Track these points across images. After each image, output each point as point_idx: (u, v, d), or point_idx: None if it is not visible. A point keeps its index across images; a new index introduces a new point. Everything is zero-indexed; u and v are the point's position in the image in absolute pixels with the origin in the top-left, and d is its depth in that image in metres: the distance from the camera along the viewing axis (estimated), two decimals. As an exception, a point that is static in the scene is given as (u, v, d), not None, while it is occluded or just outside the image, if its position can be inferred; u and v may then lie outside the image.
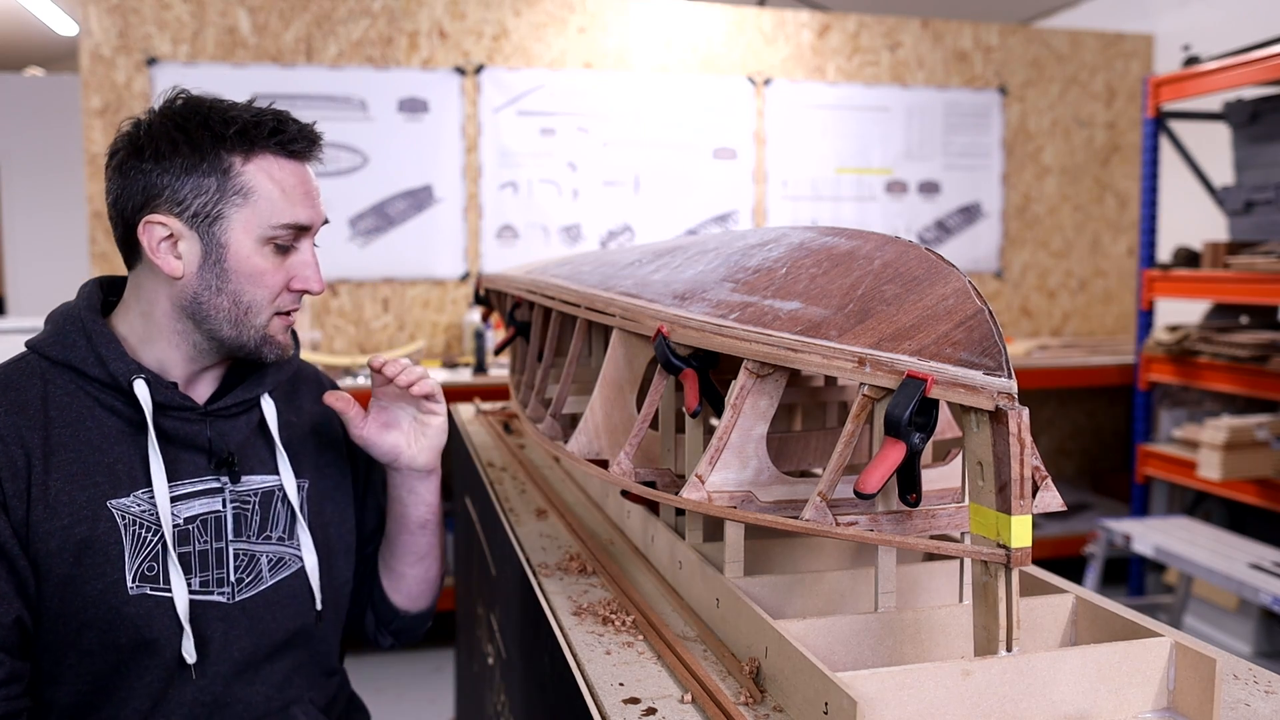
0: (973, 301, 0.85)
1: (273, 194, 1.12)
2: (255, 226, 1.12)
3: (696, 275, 1.20)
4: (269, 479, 1.22)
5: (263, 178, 1.12)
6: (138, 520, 1.10)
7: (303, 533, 1.23)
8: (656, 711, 0.87)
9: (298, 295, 1.17)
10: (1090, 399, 4.90)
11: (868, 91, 4.51)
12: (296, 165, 1.16)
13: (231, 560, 1.16)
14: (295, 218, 1.14)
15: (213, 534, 1.15)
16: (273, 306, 1.16)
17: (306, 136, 1.17)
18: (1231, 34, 4.05)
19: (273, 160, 1.13)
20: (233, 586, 1.16)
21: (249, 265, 1.13)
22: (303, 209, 1.15)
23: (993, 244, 4.70)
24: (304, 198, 1.15)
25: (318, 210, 1.18)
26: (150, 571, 1.10)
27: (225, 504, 1.17)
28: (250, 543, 1.18)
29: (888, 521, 0.91)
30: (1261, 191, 3.40)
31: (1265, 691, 0.90)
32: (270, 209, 1.12)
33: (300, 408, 1.31)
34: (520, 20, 4.12)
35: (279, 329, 1.17)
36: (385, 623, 1.40)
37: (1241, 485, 3.24)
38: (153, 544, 1.10)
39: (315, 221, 1.17)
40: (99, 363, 1.11)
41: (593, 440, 1.28)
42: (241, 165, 1.12)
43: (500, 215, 4.13)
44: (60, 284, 6.24)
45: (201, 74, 3.78)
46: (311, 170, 1.19)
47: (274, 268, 1.14)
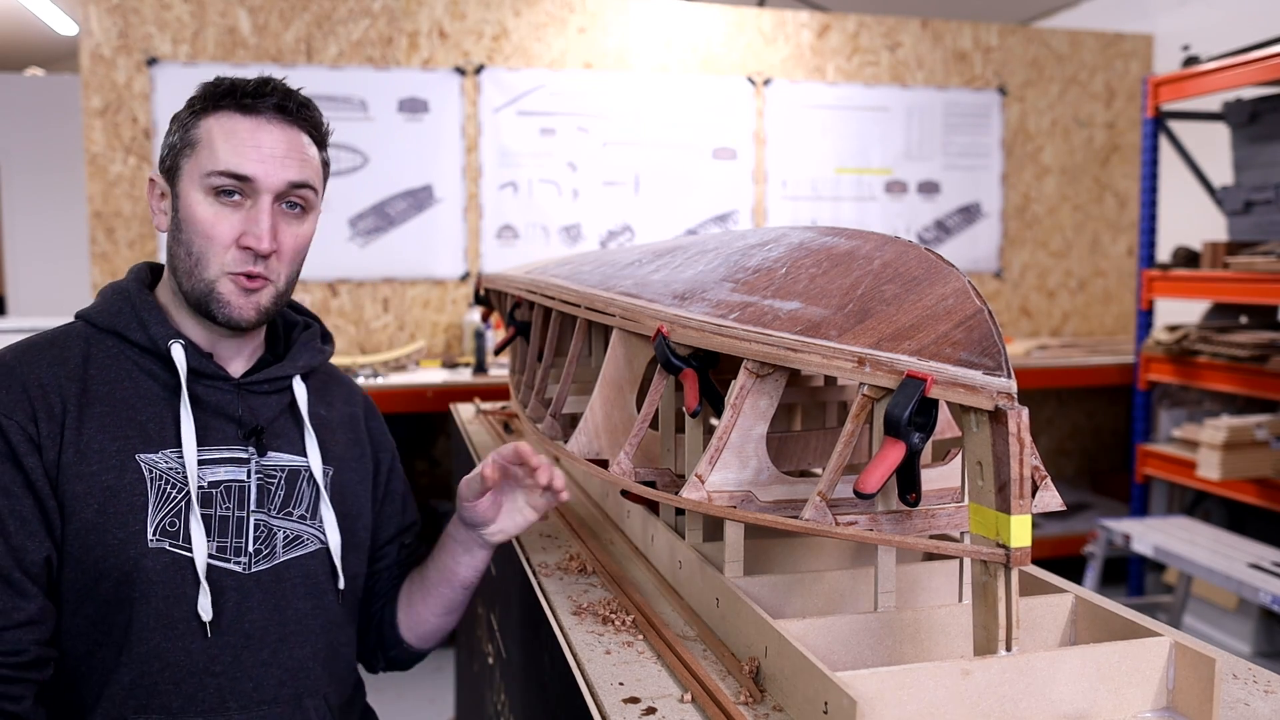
0: (972, 301, 0.85)
1: (214, 143, 1.14)
2: (198, 175, 1.14)
3: (696, 275, 1.20)
4: (296, 459, 1.23)
5: (215, 130, 1.14)
6: (164, 476, 1.12)
7: (326, 511, 1.24)
8: (656, 711, 0.87)
9: (250, 255, 1.15)
10: (1090, 399, 4.91)
11: (867, 91, 4.51)
12: (252, 119, 1.15)
13: (251, 530, 1.17)
14: (232, 165, 1.13)
15: (235, 502, 1.17)
16: (221, 262, 1.14)
17: (269, 93, 1.16)
18: (1231, 34, 4.06)
19: (227, 115, 1.15)
20: (250, 556, 1.17)
21: (193, 214, 1.14)
22: (245, 160, 1.13)
23: (992, 244, 4.70)
24: (252, 149, 1.14)
25: (273, 166, 1.14)
26: (171, 527, 1.12)
27: (250, 475, 1.18)
28: (270, 516, 1.19)
29: (887, 521, 0.92)
30: (1261, 191, 3.40)
31: (1265, 691, 0.90)
32: (209, 157, 1.13)
33: (331, 404, 1.33)
34: (520, 20, 4.12)
35: (230, 289, 1.15)
36: (386, 648, 1.39)
37: (1241, 485, 3.24)
38: (176, 500, 1.12)
39: (261, 175, 1.14)
40: (140, 327, 1.16)
41: (593, 440, 1.28)
42: (199, 121, 1.15)
43: (500, 215, 4.13)
44: (60, 284, 6.27)
45: (202, 74, 3.78)
46: (285, 131, 1.16)
47: (217, 218, 1.14)
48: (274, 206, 1.15)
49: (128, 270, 1.26)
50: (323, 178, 1.25)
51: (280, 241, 1.16)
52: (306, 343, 1.30)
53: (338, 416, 1.33)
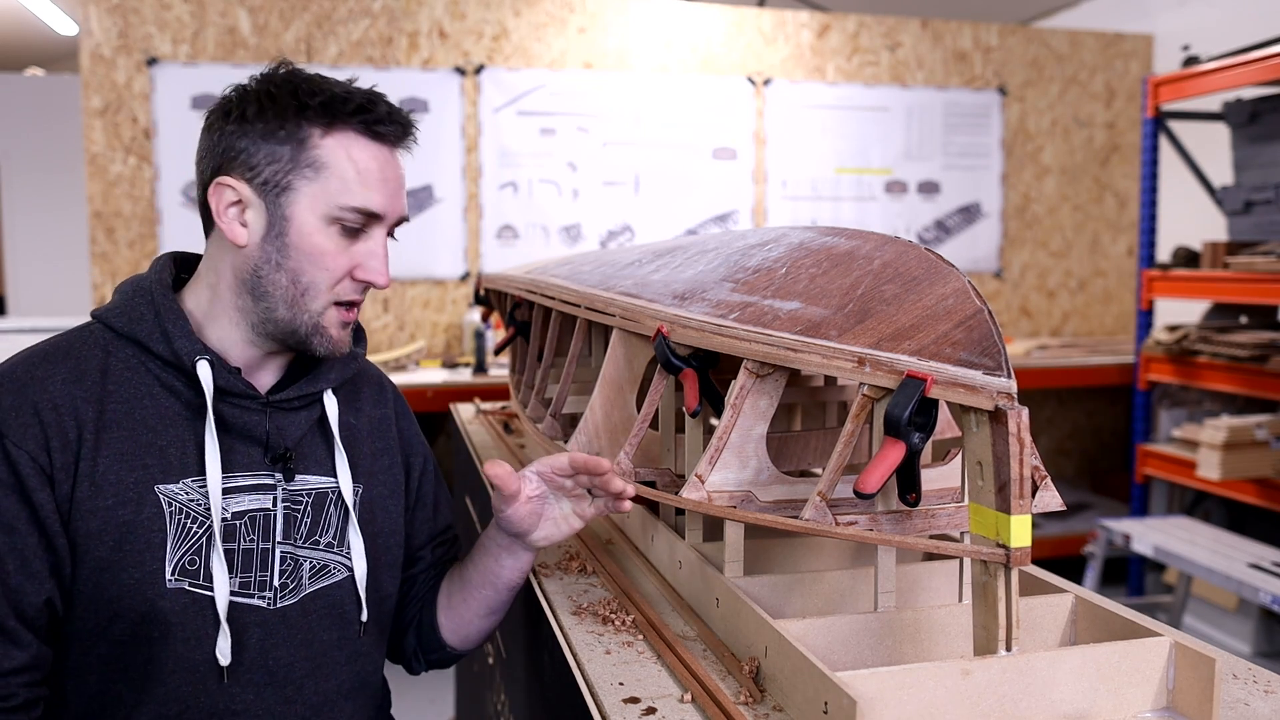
0: (972, 301, 0.85)
1: (346, 173, 1.06)
2: (322, 204, 1.06)
3: (696, 275, 1.20)
4: (324, 480, 1.15)
5: (340, 154, 1.06)
6: (184, 509, 1.05)
7: (355, 538, 1.16)
8: (656, 711, 0.87)
9: (361, 286, 1.10)
10: (1090, 399, 4.91)
11: (867, 91, 4.51)
12: (379, 148, 1.08)
13: (277, 564, 1.10)
14: (366, 202, 1.07)
15: (260, 533, 1.09)
16: (332, 293, 1.09)
17: (397, 120, 1.09)
18: (1231, 34, 4.06)
19: (354, 138, 1.07)
20: (275, 591, 1.10)
21: (310, 243, 1.06)
22: (377, 194, 1.08)
23: (992, 244, 4.70)
24: (380, 184, 1.08)
25: (396, 201, 1.10)
26: (191, 566, 1.04)
27: (276, 503, 1.10)
28: (296, 546, 1.12)
29: (887, 521, 0.92)
30: (1261, 191, 3.40)
31: (1265, 691, 0.90)
32: (341, 188, 1.06)
33: (360, 409, 1.24)
34: (520, 20, 4.12)
35: (334, 320, 1.10)
36: (427, 651, 1.31)
37: (1241, 485, 3.24)
38: (197, 535, 1.05)
39: (390, 211, 1.09)
40: (164, 339, 1.06)
41: (593, 440, 1.28)
42: (320, 138, 1.06)
43: (500, 215, 4.13)
44: (60, 284, 6.27)
45: (202, 74, 3.78)
46: (399, 161, 1.11)
47: (337, 250, 1.07)
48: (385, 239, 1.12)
49: (154, 262, 1.15)
50: None
51: None
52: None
53: (366, 423, 1.24)
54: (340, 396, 1.20)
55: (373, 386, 1.28)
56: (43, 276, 6.40)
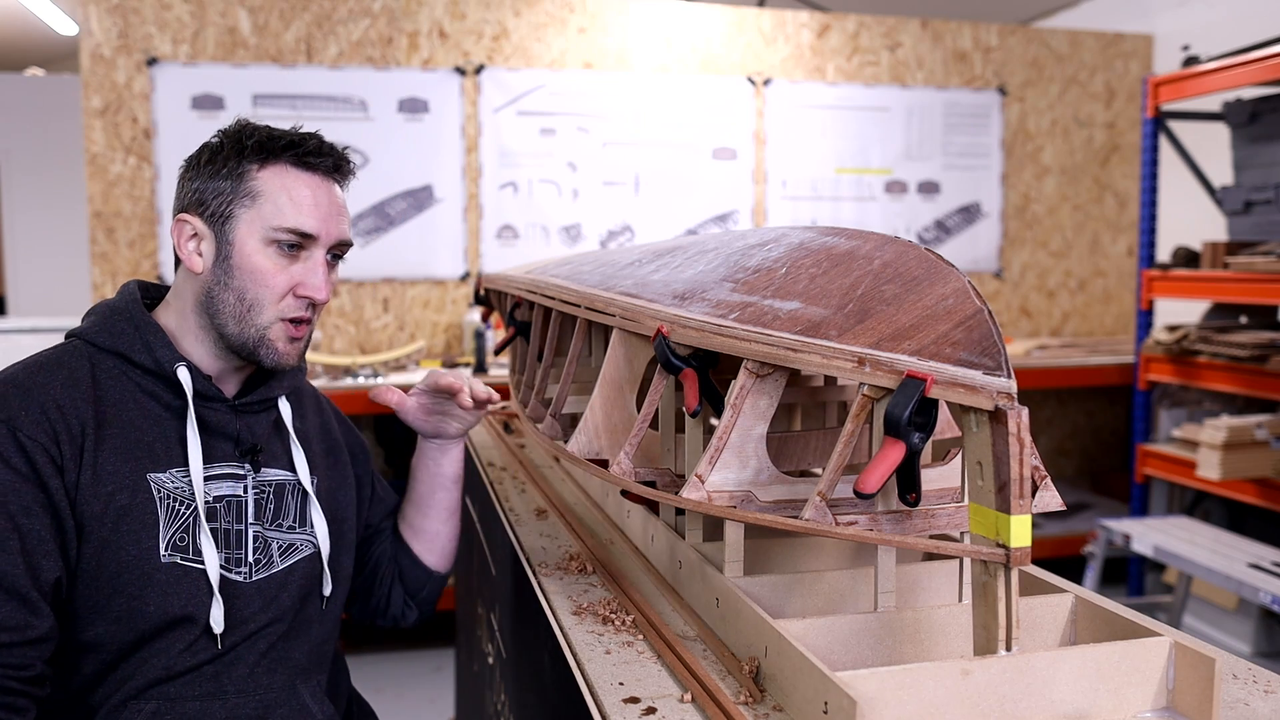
0: (972, 301, 0.85)
1: (279, 198, 1.20)
2: (259, 227, 1.20)
3: (696, 275, 1.20)
4: (284, 473, 1.31)
5: (274, 183, 1.21)
6: (172, 494, 1.18)
7: (316, 515, 1.31)
8: (656, 711, 0.87)
9: (304, 303, 1.23)
10: (1090, 399, 4.91)
11: (867, 91, 4.51)
12: (310, 177, 1.23)
13: (250, 542, 1.24)
14: (298, 223, 1.20)
15: (234, 515, 1.23)
16: (276, 309, 1.22)
17: (327, 153, 1.25)
18: (1231, 34, 4.06)
19: (287, 169, 1.22)
20: (250, 567, 1.23)
21: (250, 263, 1.20)
22: (308, 217, 1.21)
23: (992, 244, 4.70)
24: (312, 207, 1.21)
25: (330, 224, 1.23)
26: (181, 542, 1.17)
27: (247, 489, 1.25)
28: (265, 528, 1.26)
29: (887, 521, 0.92)
30: (1260, 191, 3.40)
31: (1264, 691, 0.90)
32: (274, 211, 1.20)
33: (305, 415, 1.39)
34: (520, 20, 4.12)
35: (280, 335, 1.23)
36: (414, 593, 1.48)
37: (1241, 485, 3.24)
38: (185, 516, 1.18)
39: (322, 232, 1.22)
40: (146, 350, 1.20)
41: (593, 440, 1.28)
42: (256, 171, 1.21)
43: (500, 215, 4.13)
44: (60, 284, 6.27)
45: (202, 74, 3.78)
46: (335, 190, 1.25)
47: (277, 269, 1.21)
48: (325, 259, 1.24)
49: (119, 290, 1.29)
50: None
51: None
52: None
53: (312, 427, 1.40)
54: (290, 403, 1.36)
55: (309, 398, 1.45)
56: (43, 276, 6.40)
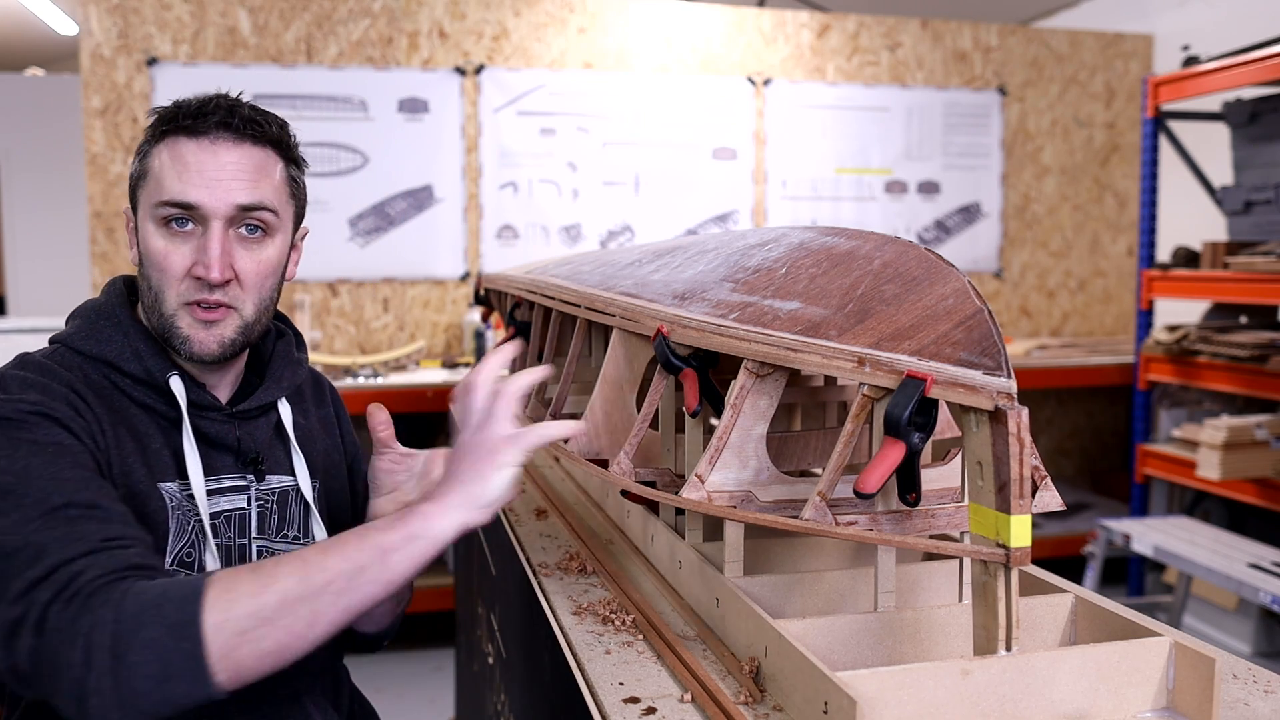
0: (972, 301, 0.85)
1: (163, 172, 1.08)
2: (148, 207, 1.10)
3: (696, 275, 1.20)
4: (286, 479, 1.23)
5: (164, 157, 1.09)
6: (180, 506, 1.11)
7: (318, 529, 1.24)
8: (656, 711, 0.87)
9: (202, 284, 1.09)
10: (1090, 399, 4.91)
11: (867, 91, 4.51)
12: (198, 143, 1.08)
13: (254, 557, 1.18)
14: (177, 194, 1.07)
15: (236, 531, 1.17)
16: (177, 293, 1.10)
17: (209, 112, 1.09)
18: (1231, 34, 4.05)
19: (175, 140, 1.09)
20: None
21: (148, 247, 1.10)
22: (191, 187, 1.07)
23: (992, 244, 4.70)
24: (196, 175, 1.07)
25: (222, 190, 1.08)
26: (188, 558, 1.11)
27: (250, 502, 1.19)
28: (270, 541, 1.20)
29: (887, 521, 0.92)
30: (1260, 191, 3.40)
31: (1264, 691, 0.90)
32: (157, 187, 1.09)
33: (307, 410, 1.32)
34: (520, 20, 4.12)
35: (188, 321, 1.10)
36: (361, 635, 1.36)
37: (1241, 485, 3.24)
38: (190, 532, 1.12)
39: (206, 200, 1.07)
40: (135, 358, 1.11)
41: (593, 440, 1.28)
42: (151, 149, 1.11)
43: (500, 215, 4.13)
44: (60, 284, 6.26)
45: (202, 74, 3.78)
46: (233, 151, 1.10)
47: (169, 249, 1.09)
48: (228, 232, 1.10)
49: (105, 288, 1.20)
50: (290, 194, 1.17)
51: (239, 269, 1.11)
52: (285, 354, 1.28)
53: (315, 422, 1.32)
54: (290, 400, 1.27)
55: (312, 387, 1.36)
56: (43, 276, 6.40)
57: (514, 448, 0.98)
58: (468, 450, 0.99)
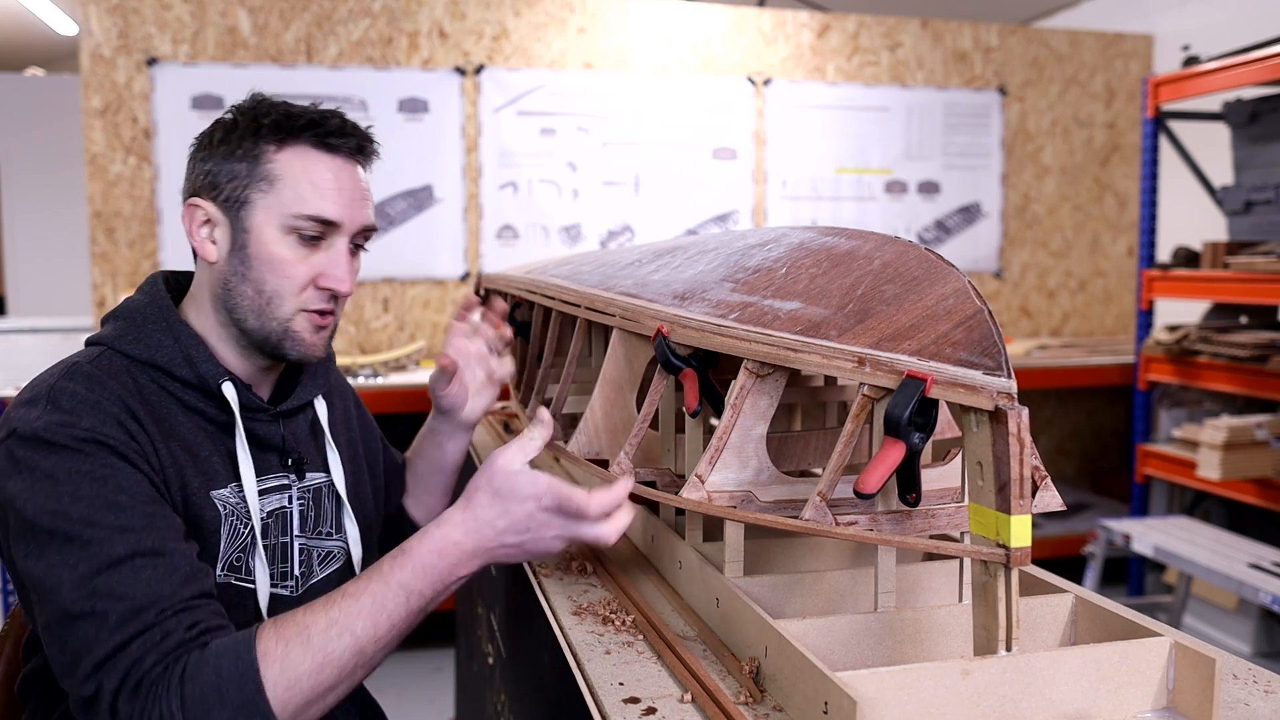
0: (972, 301, 0.85)
1: (299, 183, 1.11)
2: (277, 214, 1.11)
3: (696, 275, 1.20)
4: (320, 475, 1.26)
5: (294, 166, 1.11)
6: (234, 512, 1.12)
7: (351, 525, 1.27)
8: (656, 711, 0.87)
9: (327, 295, 1.15)
10: (1090, 399, 4.91)
11: (867, 91, 4.51)
12: (332, 159, 1.13)
13: (296, 555, 1.20)
14: (319, 210, 1.12)
15: (280, 529, 1.19)
16: (297, 301, 1.14)
17: (350, 133, 1.15)
18: (1231, 34, 4.06)
19: (307, 151, 1.12)
20: (296, 580, 1.20)
21: (268, 252, 1.12)
22: (331, 203, 1.12)
23: (992, 244, 4.70)
24: (335, 193, 1.12)
25: (355, 210, 1.14)
26: (237, 563, 1.12)
27: (292, 500, 1.20)
28: (309, 538, 1.22)
29: (887, 521, 0.92)
30: (1261, 191, 3.40)
31: (1265, 691, 0.90)
32: (294, 198, 1.11)
33: (333, 405, 1.34)
34: (520, 20, 4.12)
35: (305, 326, 1.15)
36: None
37: (1241, 485, 3.24)
38: (243, 536, 1.13)
39: (346, 219, 1.14)
40: (188, 363, 1.11)
41: (593, 440, 1.28)
42: (274, 154, 1.11)
43: (500, 215, 4.13)
44: (60, 284, 6.26)
45: (202, 74, 3.78)
46: (358, 173, 1.16)
47: (297, 259, 1.12)
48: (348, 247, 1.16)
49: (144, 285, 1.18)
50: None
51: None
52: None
53: (339, 417, 1.35)
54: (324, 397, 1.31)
55: (336, 385, 1.39)
56: (43, 276, 6.40)
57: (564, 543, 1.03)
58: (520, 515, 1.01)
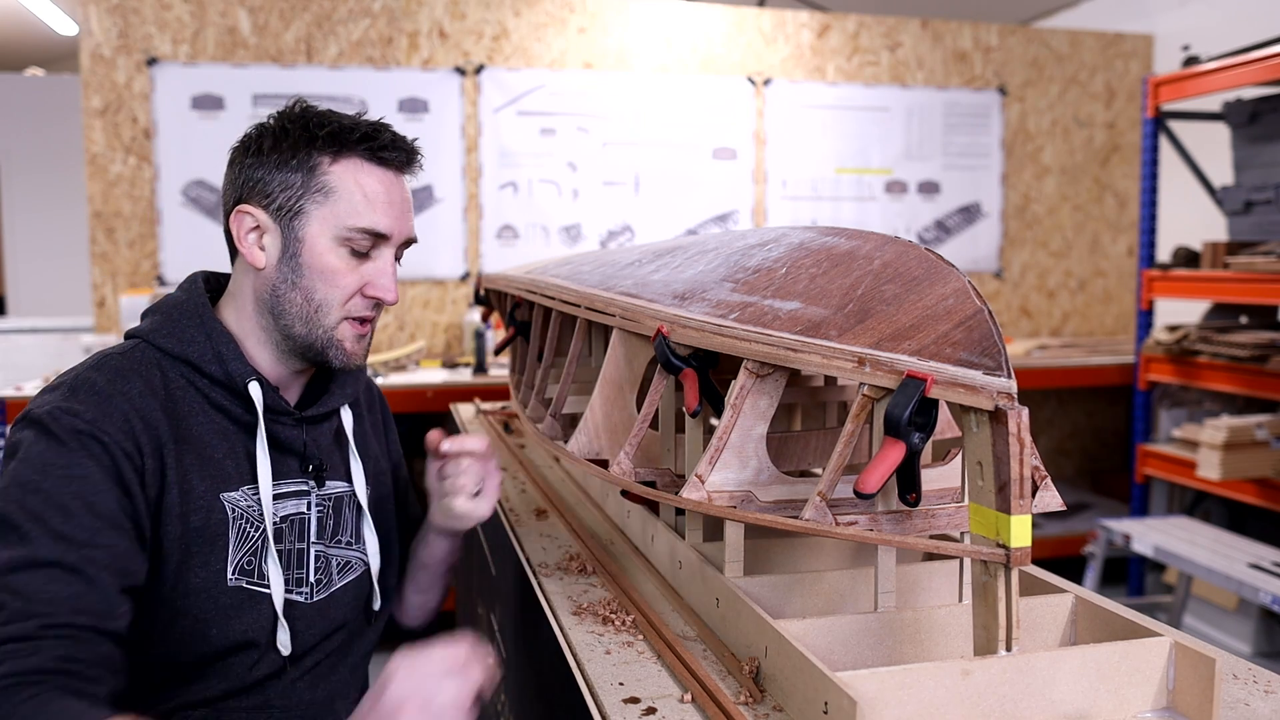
0: (972, 301, 0.85)
1: (354, 196, 1.13)
2: (332, 225, 1.13)
3: (696, 275, 1.20)
4: (342, 485, 1.26)
5: (348, 180, 1.13)
6: (244, 514, 1.13)
7: (370, 535, 1.26)
8: (656, 711, 0.87)
9: (372, 303, 1.17)
10: (1090, 399, 4.90)
11: (867, 91, 4.51)
12: (384, 173, 1.16)
13: (312, 561, 1.20)
14: (373, 224, 1.14)
15: (297, 535, 1.19)
16: (344, 309, 1.16)
17: (400, 147, 1.17)
18: (1231, 34, 4.05)
19: (361, 164, 1.14)
20: (311, 587, 1.20)
21: (322, 262, 1.14)
22: (383, 216, 1.14)
23: (992, 244, 4.70)
24: (386, 206, 1.15)
25: (402, 222, 1.17)
26: (249, 566, 1.13)
27: (310, 507, 1.21)
28: (326, 546, 1.22)
29: (887, 521, 0.92)
30: (1261, 191, 3.40)
31: (1265, 691, 0.90)
32: (349, 210, 1.13)
33: (361, 415, 1.34)
34: (520, 20, 4.12)
35: (349, 335, 1.17)
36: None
37: (1241, 485, 3.24)
38: (254, 539, 1.13)
39: (396, 232, 1.16)
40: (217, 360, 1.14)
41: (593, 440, 1.28)
42: (329, 165, 1.13)
43: (500, 215, 4.13)
44: (60, 284, 6.26)
45: (202, 74, 3.78)
46: (405, 185, 1.19)
47: (347, 269, 1.15)
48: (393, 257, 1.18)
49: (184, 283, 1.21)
50: None
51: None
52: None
53: (369, 427, 1.35)
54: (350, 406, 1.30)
55: (368, 394, 1.40)
56: (43, 276, 6.40)
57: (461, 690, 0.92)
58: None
